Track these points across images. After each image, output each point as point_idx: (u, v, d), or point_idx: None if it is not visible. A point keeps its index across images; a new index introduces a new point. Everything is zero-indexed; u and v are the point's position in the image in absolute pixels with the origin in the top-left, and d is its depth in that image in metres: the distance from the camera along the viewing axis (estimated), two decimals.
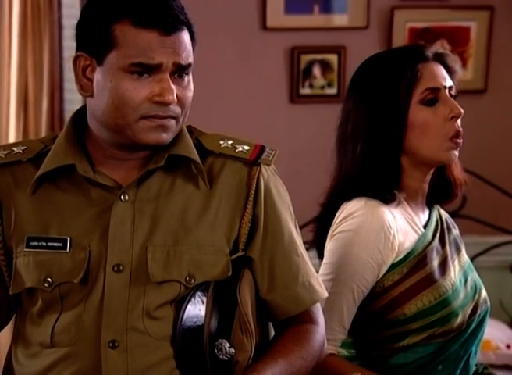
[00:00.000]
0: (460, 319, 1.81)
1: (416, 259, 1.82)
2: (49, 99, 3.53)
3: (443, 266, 1.83)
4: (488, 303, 1.88)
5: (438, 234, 1.86)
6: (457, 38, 3.61)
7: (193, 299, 1.50)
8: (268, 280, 1.57)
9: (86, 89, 1.50)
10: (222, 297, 1.51)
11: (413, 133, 1.81)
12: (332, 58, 3.53)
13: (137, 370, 1.48)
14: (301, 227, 3.17)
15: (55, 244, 1.51)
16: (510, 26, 3.65)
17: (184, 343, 1.49)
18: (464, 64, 3.61)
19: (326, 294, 1.63)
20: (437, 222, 1.88)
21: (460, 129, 1.82)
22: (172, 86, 1.47)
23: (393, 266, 1.81)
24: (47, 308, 1.52)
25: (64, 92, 3.57)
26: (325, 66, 3.53)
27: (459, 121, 1.82)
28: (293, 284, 1.58)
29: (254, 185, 1.55)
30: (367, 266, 1.79)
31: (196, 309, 1.50)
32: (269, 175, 1.58)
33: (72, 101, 3.55)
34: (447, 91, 1.82)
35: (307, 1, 3.50)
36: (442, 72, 1.84)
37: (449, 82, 1.83)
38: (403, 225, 1.84)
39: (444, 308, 1.80)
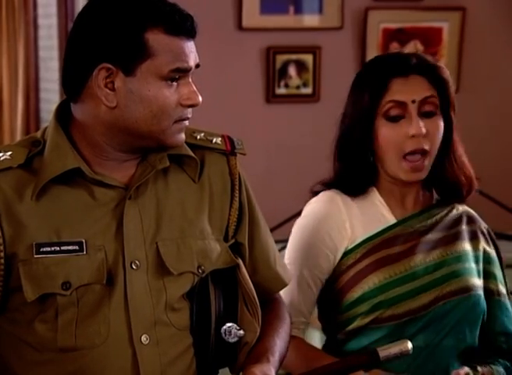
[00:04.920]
0: (412, 304, 1.84)
1: (371, 245, 1.90)
2: (24, 99, 3.57)
3: (405, 253, 1.87)
4: (475, 299, 1.87)
5: (420, 226, 1.89)
6: (430, 39, 3.69)
7: (200, 288, 1.57)
8: (253, 263, 1.66)
9: (109, 100, 1.49)
10: (224, 282, 1.59)
11: (378, 145, 1.85)
12: (308, 58, 3.58)
13: (168, 361, 1.53)
14: (278, 225, 3.20)
15: (70, 247, 1.50)
16: (481, 27, 3.73)
17: (198, 331, 1.57)
18: None
19: (291, 275, 1.75)
20: (432, 216, 1.91)
21: (425, 147, 1.82)
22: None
23: (348, 252, 1.91)
24: (62, 312, 1.50)
25: (40, 92, 3.57)
26: (301, 66, 3.58)
27: (429, 140, 1.83)
28: (273, 265, 1.69)
29: (237, 175, 1.63)
30: (320, 252, 1.88)
31: (203, 297, 1.57)
32: (239, 164, 1.66)
33: (48, 100, 3.56)
34: (417, 105, 1.82)
35: (283, 2, 3.58)
36: (420, 85, 1.83)
37: (424, 94, 1.82)
38: (364, 215, 1.92)
39: (387, 292, 1.84)
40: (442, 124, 1.84)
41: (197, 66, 1.54)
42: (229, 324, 1.57)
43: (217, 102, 3.61)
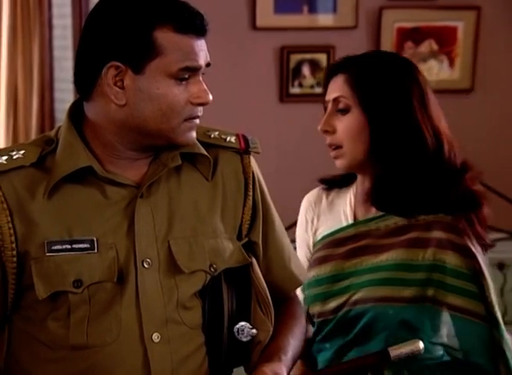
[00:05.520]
0: (322, 307, 1.90)
1: (324, 242, 1.96)
2: (39, 99, 3.58)
3: (341, 255, 1.93)
4: (381, 310, 1.84)
5: (372, 229, 1.92)
6: (445, 38, 3.68)
7: (213, 287, 1.58)
8: (267, 262, 1.67)
9: (119, 98, 1.50)
10: (237, 281, 1.61)
11: None
12: (322, 58, 3.58)
13: (179, 360, 1.54)
14: (293, 224, 3.20)
15: (81, 245, 1.51)
16: (496, 26, 3.72)
17: (210, 329, 1.58)
18: (452, 63, 3.67)
19: (307, 274, 1.79)
20: (385, 222, 1.90)
21: (328, 142, 1.94)
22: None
23: (313, 246, 2.01)
24: (74, 310, 1.52)
25: (54, 92, 3.58)
26: (315, 66, 3.58)
27: (338, 136, 1.92)
28: (288, 265, 1.70)
29: (251, 174, 1.64)
30: (303, 244, 2.03)
31: (216, 296, 1.58)
32: (254, 163, 1.68)
33: (63, 100, 3.57)
34: (331, 103, 1.92)
35: (297, 1, 3.58)
36: (337, 84, 1.92)
37: (334, 95, 1.91)
38: (331, 213, 2.00)
39: (309, 290, 1.94)
40: (354, 120, 1.89)
41: (208, 64, 1.55)
42: (241, 323, 1.58)
43: (231, 102, 3.61)
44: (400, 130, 1.88)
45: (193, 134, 1.55)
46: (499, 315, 1.87)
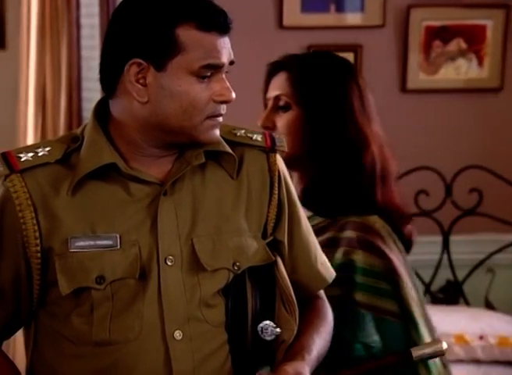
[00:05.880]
0: None
1: None
2: (67, 98, 3.60)
3: None
4: None
5: None
6: (473, 37, 3.67)
7: (236, 285, 1.58)
8: (292, 261, 1.66)
9: (141, 95, 1.50)
10: (262, 280, 1.60)
11: None
12: (349, 57, 3.58)
13: (201, 358, 1.54)
14: None
15: (104, 242, 1.52)
16: None
17: (233, 328, 1.57)
18: (480, 62, 3.65)
19: (334, 272, 1.73)
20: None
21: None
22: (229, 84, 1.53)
23: None
24: (97, 306, 1.53)
25: (82, 91, 3.60)
26: None
27: (277, 132, 1.91)
28: (314, 264, 1.69)
29: (277, 172, 1.63)
30: None
31: (240, 294, 1.58)
32: (281, 161, 1.67)
33: (90, 99, 3.59)
34: (272, 101, 1.96)
35: (324, 0, 3.55)
36: (278, 82, 1.96)
37: (274, 93, 1.96)
38: None
39: None
40: (294, 118, 1.92)
41: (232, 62, 1.55)
42: (265, 322, 1.58)
43: (258, 100, 3.60)
44: (338, 131, 1.91)
45: (217, 132, 1.55)
46: (416, 314, 1.88)
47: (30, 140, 3.69)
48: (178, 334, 1.52)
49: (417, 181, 3.53)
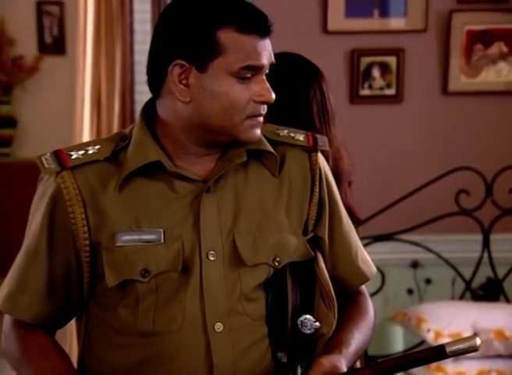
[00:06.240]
0: None
1: None
2: (121, 101, 3.65)
3: None
4: None
5: None
6: None
7: (277, 280, 1.59)
8: (333, 257, 1.67)
9: (183, 95, 1.52)
10: (302, 275, 1.61)
11: None
12: (391, 61, 3.57)
13: (240, 350, 1.56)
14: (366, 219, 3.19)
15: (149, 236, 1.54)
16: None
17: (273, 322, 1.59)
18: None
19: (375, 268, 1.75)
20: None
21: None
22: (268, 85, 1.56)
23: None
24: (142, 298, 1.55)
25: (135, 94, 3.64)
26: (384, 68, 3.58)
27: None
28: (354, 260, 1.69)
29: (318, 171, 1.64)
30: None
31: (280, 289, 1.59)
32: (323, 160, 1.68)
33: (142, 102, 3.58)
34: None
35: (368, 6, 3.59)
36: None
37: None
38: None
39: None
40: None
41: (272, 64, 1.56)
42: (305, 316, 1.58)
43: None
44: None
45: (257, 132, 1.57)
46: None
47: (86, 139, 3.73)
48: (218, 327, 1.54)
49: (458, 181, 3.52)
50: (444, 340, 3.13)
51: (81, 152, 1.56)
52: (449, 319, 3.26)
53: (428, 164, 3.63)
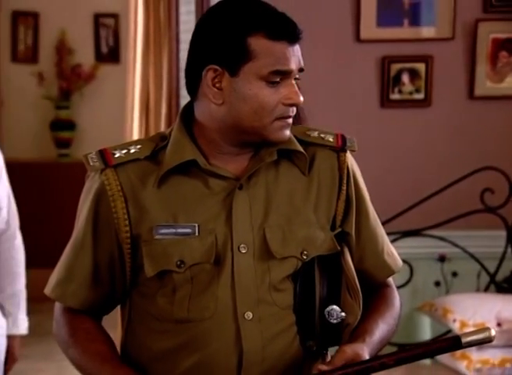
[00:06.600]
0: None
1: None
2: (167, 105, 3.78)
3: None
4: None
5: None
6: None
7: (305, 272, 1.62)
8: (360, 251, 1.70)
9: (216, 98, 1.57)
10: (329, 268, 1.64)
11: None
12: (420, 67, 3.65)
13: (269, 337, 1.59)
14: (391, 218, 3.24)
15: (185, 230, 1.58)
16: None
17: (301, 311, 1.61)
18: None
19: (401, 262, 1.77)
20: None
21: None
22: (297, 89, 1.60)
23: None
24: (178, 288, 1.59)
25: (180, 99, 3.75)
26: (414, 74, 3.67)
27: None
28: (380, 254, 1.72)
29: (346, 170, 1.67)
30: None
31: (308, 280, 1.61)
32: (352, 159, 1.71)
33: None
34: None
35: (398, 15, 3.69)
36: None
37: None
38: None
39: None
40: None
41: (301, 69, 1.60)
42: (331, 306, 1.61)
43: (336, 107, 3.73)
44: None
45: (286, 132, 1.61)
46: None
47: None
48: (248, 315, 1.57)
49: (483, 180, 3.59)
50: (469, 329, 3.18)
51: (124, 151, 1.60)
52: (474, 310, 3.34)
53: (455, 164, 3.73)
